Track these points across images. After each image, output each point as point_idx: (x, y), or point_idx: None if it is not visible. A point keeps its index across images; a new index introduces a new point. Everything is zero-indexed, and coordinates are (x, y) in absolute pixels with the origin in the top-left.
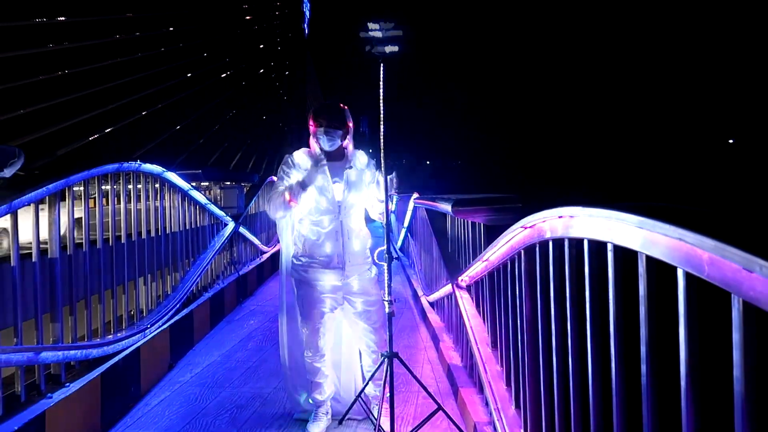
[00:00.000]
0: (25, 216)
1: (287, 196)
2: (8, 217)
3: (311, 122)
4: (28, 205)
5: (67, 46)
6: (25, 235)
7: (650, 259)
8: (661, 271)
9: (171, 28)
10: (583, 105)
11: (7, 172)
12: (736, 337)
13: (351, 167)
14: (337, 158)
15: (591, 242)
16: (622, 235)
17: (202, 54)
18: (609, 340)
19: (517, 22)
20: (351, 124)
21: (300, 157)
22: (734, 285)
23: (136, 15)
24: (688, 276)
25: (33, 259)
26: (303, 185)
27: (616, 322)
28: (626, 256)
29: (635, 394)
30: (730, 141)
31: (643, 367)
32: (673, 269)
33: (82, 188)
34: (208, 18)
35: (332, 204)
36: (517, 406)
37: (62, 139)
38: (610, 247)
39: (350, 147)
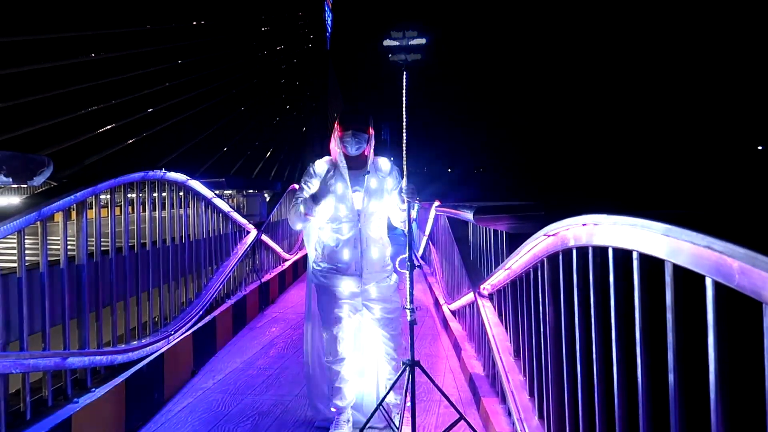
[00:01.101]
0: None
1: (303, 209)
2: None
3: (338, 127)
4: (57, 212)
5: (95, 58)
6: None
7: (677, 268)
8: (688, 280)
9: (197, 41)
10: (608, 112)
11: (37, 181)
12: None
13: (370, 173)
14: (358, 166)
15: (616, 250)
16: (648, 243)
17: (227, 64)
18: (635, 349)
19: (542, 31)
20: (373, 130)
21: (321, 166)
22: (766, 294)
23: (164, 27)
24: (717, 285)
25: (61, 266)
26: (315, 199)
27: (642, 331)
28: (652, 265)
29: (662, 405)
30: (759, 147)
31: (671, 378)
32: (701, 278)
33: (108, 196)
34: (232, 29)
35: (352, 212)
36: (541, 416)
37: (90, 149)
38: (635, 255)
39: (371, 154)
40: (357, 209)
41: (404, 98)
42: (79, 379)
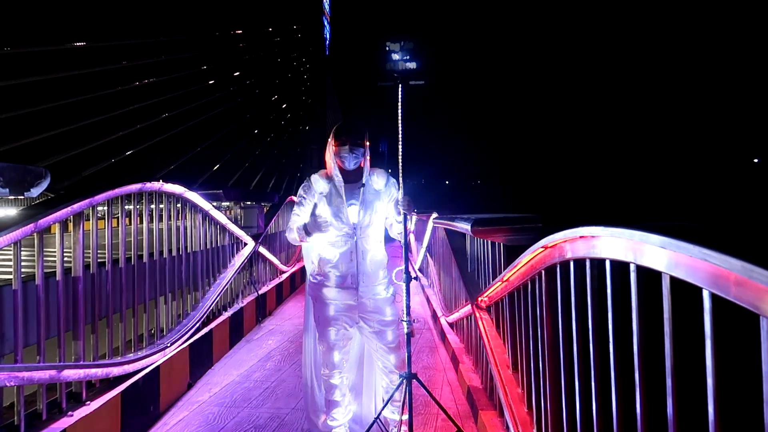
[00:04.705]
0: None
1: (297, 235)
2: None
3: (333, 141)
4: (54, 224)
5: (92, 70)
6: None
7: (674, 280)
8: (685, 292)
9: (196, 53)
10: (604, 124)
11: (34, 192)
12: (766, 359)
13: (365, 186)
14: (354, 179)
15: (613, 263)
16: (645, 256)
17: (224, 76)
18: (632, 361)
19: (538, 42)
20: (368, 142)
21: (316, 180)
22: (762, 306)
23: (163, 40)
24: (714, 297)
25: (57, 278)
26: (307, 231)
27: (639, 343)
28: (649, 277)
29: (660, 416)
30: (756, 160)
31: (668, 389)
32: (698, 290)
33: (105, 208)
34: (230, 40)
35: (348, 225)
36: (539, 429)
37: (88, 160)
38: (632, 267)
39: (367, 166)
40: (353, 222)
41: (400, 110)
42: (74, 392)
